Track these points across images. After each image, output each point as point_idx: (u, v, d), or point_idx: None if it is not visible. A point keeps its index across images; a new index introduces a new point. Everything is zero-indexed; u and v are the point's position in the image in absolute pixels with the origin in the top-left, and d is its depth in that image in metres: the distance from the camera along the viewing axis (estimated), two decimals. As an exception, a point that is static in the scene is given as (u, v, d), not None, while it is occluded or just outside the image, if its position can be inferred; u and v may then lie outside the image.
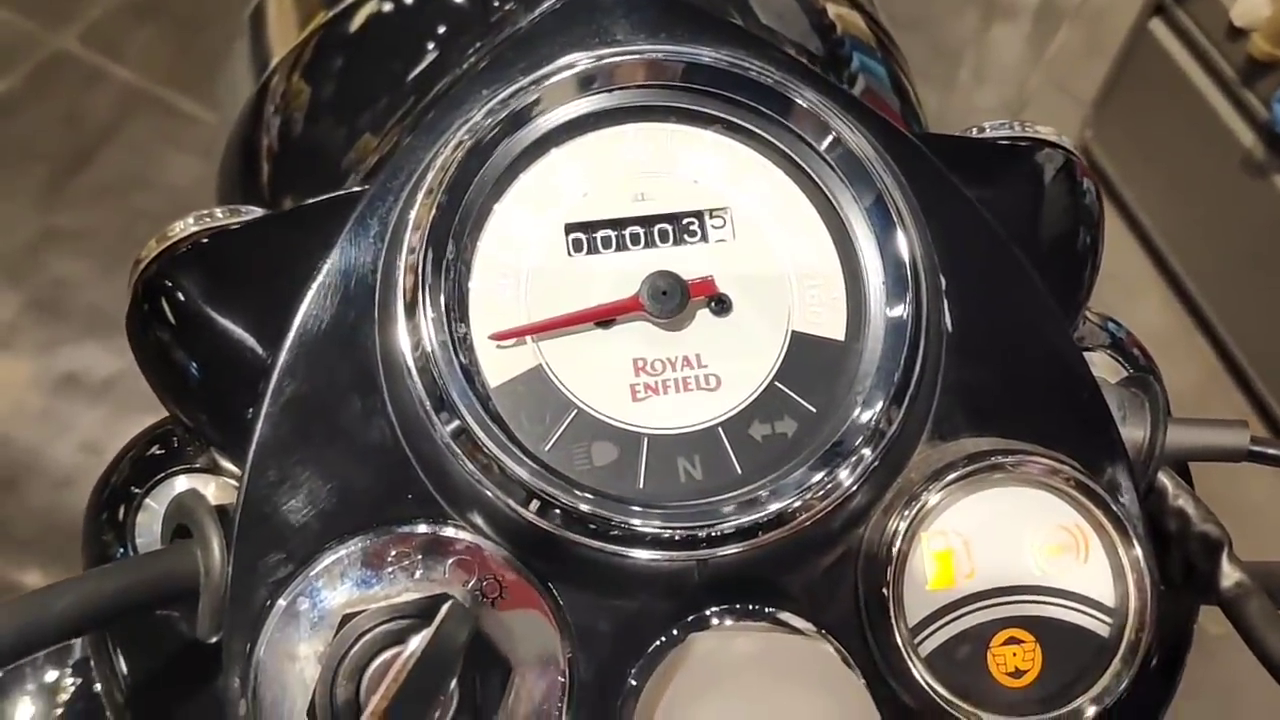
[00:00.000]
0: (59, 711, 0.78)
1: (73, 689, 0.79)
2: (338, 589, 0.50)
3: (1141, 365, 0.65)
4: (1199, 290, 2.58)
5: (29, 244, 2.49)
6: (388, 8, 0.79)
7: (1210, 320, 2.56)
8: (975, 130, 0.62)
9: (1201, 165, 2.51)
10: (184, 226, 0.55)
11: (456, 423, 0.50)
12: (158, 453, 0.60)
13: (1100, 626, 0.53)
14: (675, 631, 0.50)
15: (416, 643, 0.43)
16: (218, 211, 0.56)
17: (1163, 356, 0.67)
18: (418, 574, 0.50)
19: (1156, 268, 2.69)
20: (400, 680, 0.41)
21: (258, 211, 0.56)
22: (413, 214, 0.52)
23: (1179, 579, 0.60)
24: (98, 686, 0.82)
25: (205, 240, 0.55)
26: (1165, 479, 0.60)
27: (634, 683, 0.50)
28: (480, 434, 0.50)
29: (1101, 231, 0.63)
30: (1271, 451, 0.59)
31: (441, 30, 0.76)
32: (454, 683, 0.47)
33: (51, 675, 0.80)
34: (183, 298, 0.55)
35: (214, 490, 0.56)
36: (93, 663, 0.63)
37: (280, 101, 0.80)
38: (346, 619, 0.48)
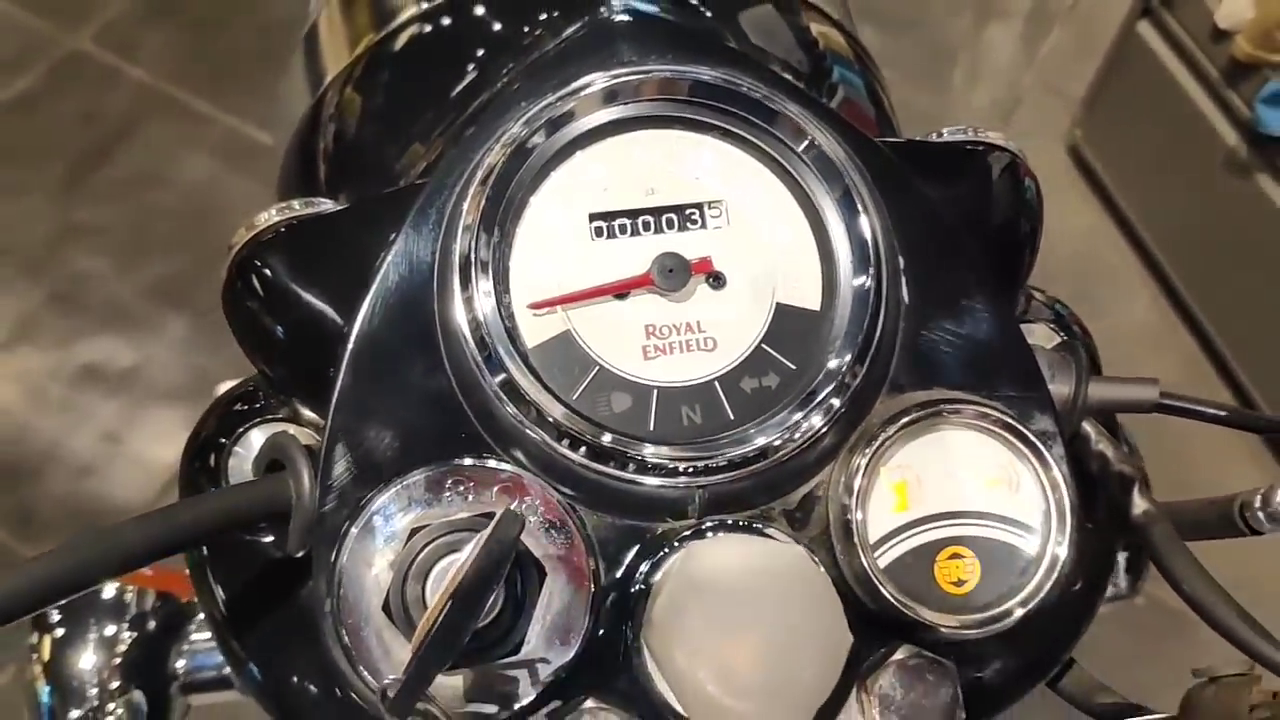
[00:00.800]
0: (117, 661, 0.87)
1: (129, 641, 0.88)
2: (405, 510, 0.59)
3: (1076, 335, 0.76)
4: (1185, 286, 2.63)
5: (49, 239, 2.54)
6: (429, 30, 0.90)
7: (1196, 315, 2.61)
8: (935, 135, 0.73)
9: (1187, 163, 2.56)
10: (268, 216, 0.65)
11: (503, 375, 0.61)
12: (241, 408, 0.70)
13: (1028, 545, 0.64)
14: (677, 543, 0.62)
15: (475, 541, 0.54)
16: (295, 204, 0.66)
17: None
18: (470, 498, 0.60)
19: (1144, 264, 2.71)
20: (467, 568, 0.52)
21: (330, 204, 0.67)
22: (465, 204, 0.63)
23: (1102, 516, 0.71)
24: (150, 630, 0.88)
25: (285, 229, 0.65)
26: (1089, 428, 0.70)
27: (644, 585, 0.61)
28: (522, 384, 0.61)
29: (1040, 221, 0.74)
30: (1178, 404, 0.70)
31: (479, 53, 0.87)
32: (503, 585, 0.58)
33: (110, 629, 0.89)
34: (271, 276, 0.65)
35: (301, 439, 0.67)
36: (195, 590, 0.71)
37: (335, 112, 0.91)
38: (413, 532, 0.59)
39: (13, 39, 2.83)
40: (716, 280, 0.65)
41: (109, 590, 0.89)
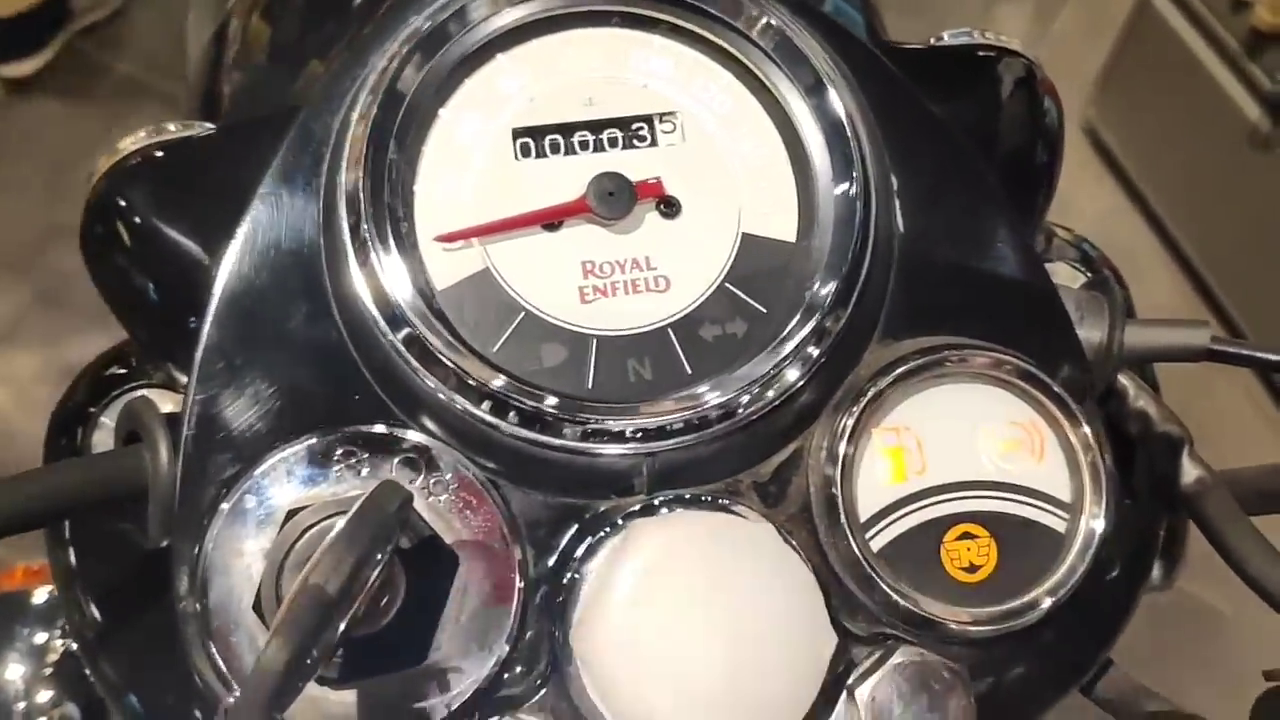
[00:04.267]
0: (47, 671, 0.80)
1: (61, 649, 0.81)
2: (284, 487, 0.50)
3: (1105, 275, 0.64)
4: (1206, 268, 2.56)
5: (34, 238, 2.48)
6: None
7: (1218, 297, 2.53)
8: (934, 40, 0.62)
9: (1207, 140, 2.49)
10: (135, 140, 0.55)
11: (404, 325, 0.50)
12: (116, 372, 0.60)
13: (1055, 522, 0.53)
14: (620, 521, 0.50)
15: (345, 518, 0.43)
16: (170, 125, 0.56)
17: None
18: (364, 472, 0.50)
19: (1163, 246, 2.67)
20: (325, 550, 0.41)
21: (210, 127, 0.57)
22: (354, 117, 0.52)
23: (1143, 489, 0.59)
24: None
25: (155, 154, 0.55)
26: (1126, 381, 0.59)
27: (578, 574, 0.50)
28: (428, 335, 0.50)
29: (1060, 146, 0.63)
30: (1232, 350, 0.58)
31: None
32: (401, 577, 0.47)
33: (40, 637, 0.82)
34: (132, 211, 0.55)
35: (170, 405, 0.57)
36: (64, 605, 0.63)
37: (235, 35, 0.81)
38: (291, 514, 0.49)
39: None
40: (669, 206, 0.55)
41: (40, 595, 0.83)
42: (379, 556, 0.42)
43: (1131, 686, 0.60)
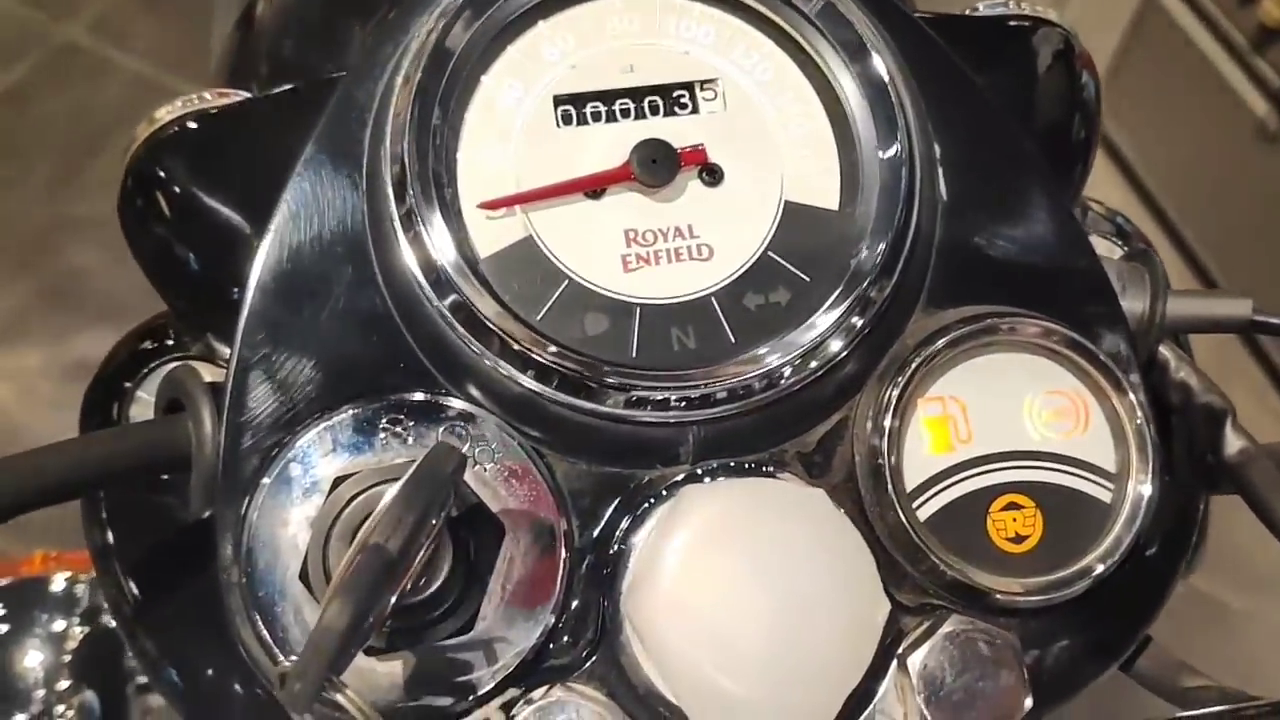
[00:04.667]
0: (67, 658, 0.81)
1: (80, 636, 0.82)
2: (329, 456, 0.49)
3: (1144, 247, 0.64)
4: (1211, 259, 2.55)
5: (40, 233, 2.48)
6: None
7: (1222, 286, 2.54)
8: (970, 11, 0.61)
9: (1213, 134, 2.49)
10: (171, 110, 0.55)
11: (451, 291, 0.49)
12: (149, 346, 0.60)
13: (1101, 492, 0.52)
14: (665, 492, 0.50)
15: (402, 480, 0.42)
16: (206, 94, 0.55)
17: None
18: (410, 441, 0.50)
19: (1170, 242, 2.64)
20: (384, 510, 0.40)
21: (244, 95, 0.56)
22: (398, 84, 0.52)
23: (1182, 465, 0.59)
24: (106, 625, 0.82)
25: (192, 124, 0.55)
26: (1167, 352, 0.58)
27: (624, 545, 0.49)
28: (475, 301, 0.49)
29: (1098, 120, 0.62)
30: (1275, 321, 0.57)
31: None
32: (449, 545, 0.47)
33: (60, 624, 0.82)
34: (172, 180, 0.55)
35: (209, 376, 0.56)
36: (99, 584, 0.62)
37: (266, 8, 0.80)
38: (338, 482, 0.48)
39: (4, 29, 2.78)
40: (711, 174, 0.54)
41: (58, 582, 0.83)
42: (434, 519, 0.42)
43: (1172, 662, 0.60)
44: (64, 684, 0.79)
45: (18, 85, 2.69)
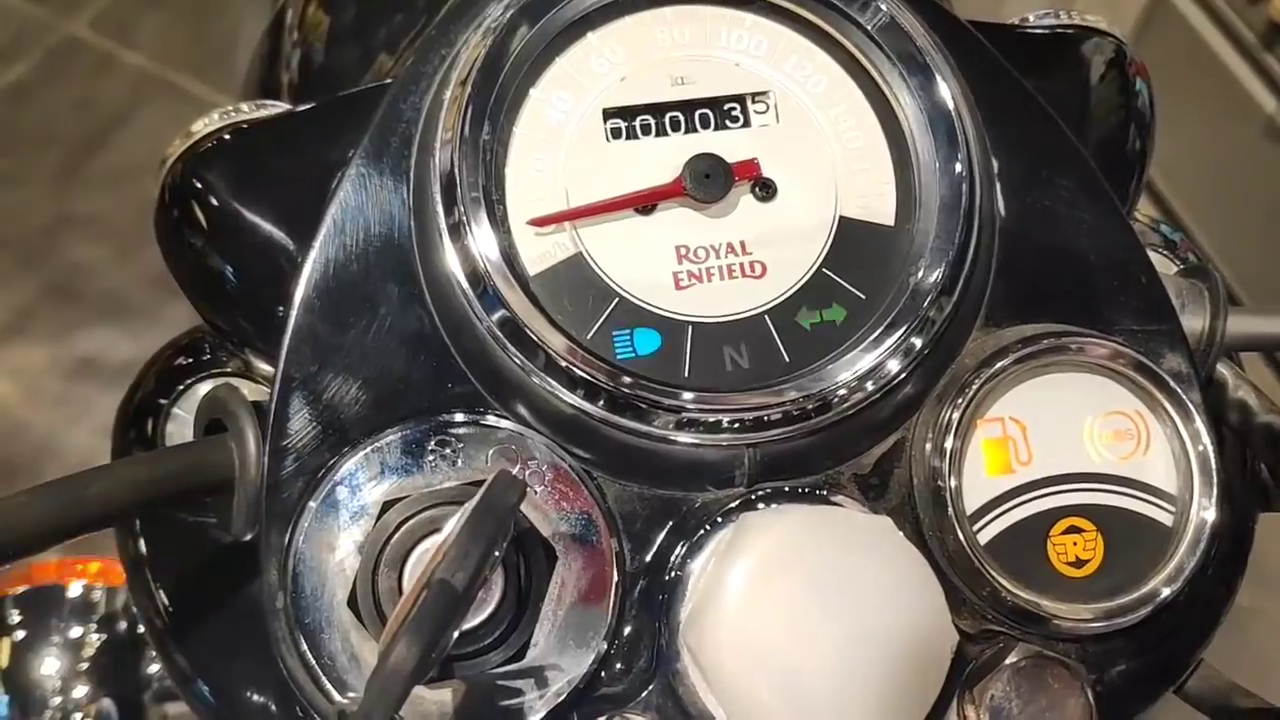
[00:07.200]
0: (84, 666, 0.80)
1: (97, 643, 0.81)
2: (377, 479, 0.48)
3: (1195, 264, 0.63)
4: (1223, 264, 2.56)
5: (44, 229, 2.46)
6: None
7: (1232, 287, 2.54)
8: (1019, 20, 0.60)
9: (1223, 134, 2.46)
10: (208, 123, 0.53)
11: (500, 310, 0.48)
12: (184, 362, 0.58)
13: (1162, 515, 0.51)
14: (721, 518, 0.49)
15: (462, 512, 0.41)
16: (243, 106, 0.54)
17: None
18: (459, 463, 0.49)
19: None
20: (451, 544, 0.39)
21: (283, 106, 0.55)
22: (447, 95, 0.50)
23: (1236, 484, 0.58)
24: (122, 632, 0.81)
25: (229, 136, 0.53)
26: (1225, 370, 0.58)
27: (680, 572, 0.48)
28: (524, 319, 0.48)
29: (1153, 130, 0.61)
30: (1337, 339, 0.56)
31: None
32: (501, 572, 0.45)
33: (76, 631, 0.82)
34: (211, 195, 0.53)
35: (249, 394, 0.55)
36: (130, 594, 0.61)
37: (299, 16, 0.79)
38: (387, 506, 0.47)
39: (6, 25, 2.76)
40: (764, 189, 0.53)
41: (75, 588, 0.83)
42: (498, 551, 0.41)
43: (1225, 684, 0.59)
44: (81, 691, 0.79)
45: (20, 81, 2.68)
